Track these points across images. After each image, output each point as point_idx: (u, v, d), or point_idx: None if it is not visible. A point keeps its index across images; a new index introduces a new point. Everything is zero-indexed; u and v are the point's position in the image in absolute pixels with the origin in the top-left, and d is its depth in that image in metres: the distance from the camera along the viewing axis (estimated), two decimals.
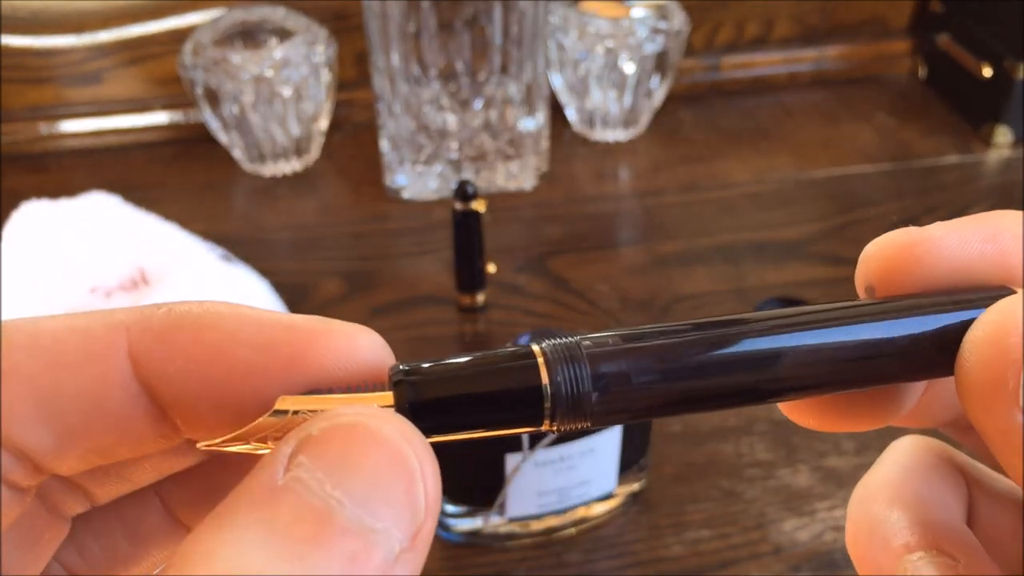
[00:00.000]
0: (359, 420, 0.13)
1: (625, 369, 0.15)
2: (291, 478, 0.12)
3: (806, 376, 0.16)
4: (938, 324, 0.16)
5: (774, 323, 0.16)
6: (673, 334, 0.15)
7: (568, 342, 0.15)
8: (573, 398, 0.15)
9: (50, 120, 0.75)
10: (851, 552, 0.18)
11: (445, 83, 0.65)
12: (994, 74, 0.73)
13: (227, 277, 0.54)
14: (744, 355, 0.15)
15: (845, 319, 0.16)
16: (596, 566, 0.46)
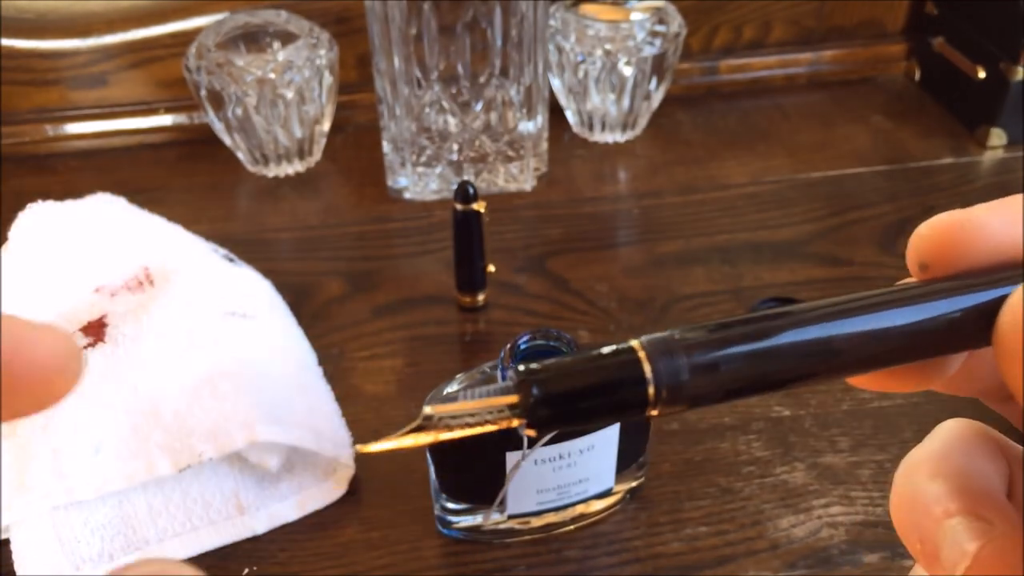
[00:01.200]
0: None
1: (714, 357, 0.17)
2: None
3: (867, 355, 0.18)
4: (978, 300, 0.18)
5: (838, 309, 0.18)
6: (752, 323, 0.17)
7: (664, 336, 0.17)
8: (672, 387, 0.17)
9: (56, 122, 0.75)
10: (895, 519, 0.19)
11: (446, 85, 0.66)
12: (989, 76, 0.74)
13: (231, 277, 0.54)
14: (814, 341, 0.17)
15: (898, 301, 0.18)
16: (595, 562, 0.46)
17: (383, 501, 0.49)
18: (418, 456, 0.50)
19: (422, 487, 0.48)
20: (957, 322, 0.18)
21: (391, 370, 0.56)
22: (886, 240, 0.66)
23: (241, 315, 0.52)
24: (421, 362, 0.56)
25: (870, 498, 0.49)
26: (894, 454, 0.51)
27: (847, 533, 0.47)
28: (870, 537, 0.47)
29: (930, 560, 0.18)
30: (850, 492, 0.49)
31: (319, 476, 0.49)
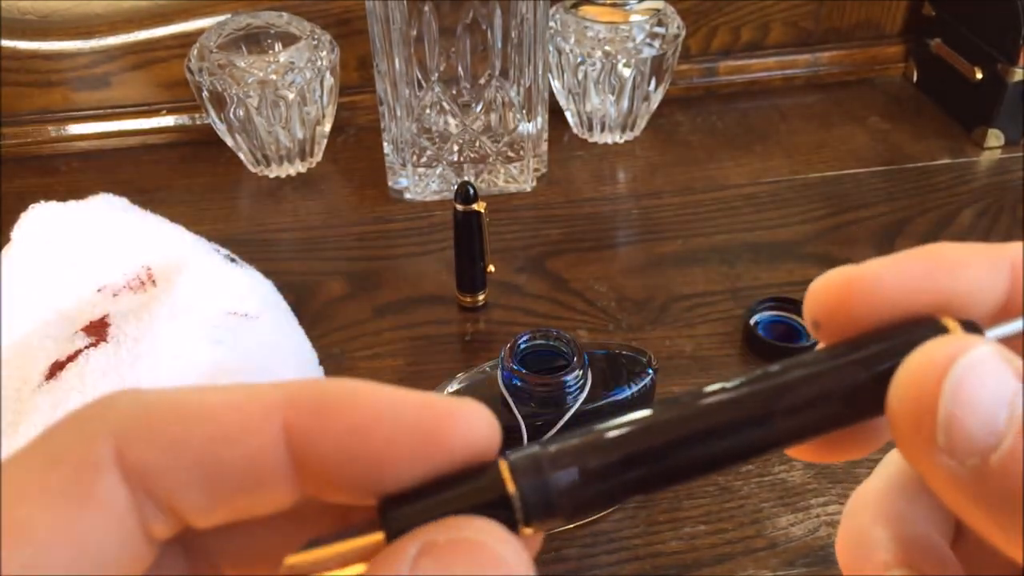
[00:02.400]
0: (482, 539, 0.15)
1: (582, 473, 0.16)
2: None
3: (757, 442, 0.17)
4: (872, 370, 0.16)
5: (717, 401, 0.17)
6: (622, 428, 0.16)
7: (532, 453, 0.16)
8: (540, 508, 0.16)
9: (58, 123, 0.76)
10: (840, 557, 0.19)
11: (446, 87, 0.66)
12: (986, 78, 0.74)
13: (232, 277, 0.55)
14: (695, 435, 0.16)
15: (782, 385, 0.17)
16: (594, 560, 0.47)
17: None
18: None
19: None
20: (853, 396, 0.17)
21: (392, 370, 0.56)
22: (884, 241, 0.66)
23: (243, 315, 0.52)
24: (422, 362, 0.57)
25: None
26: None
27: None
28: None
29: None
30: (848, 491, 0.49)
31: None
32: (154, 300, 0.50)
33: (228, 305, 0.52)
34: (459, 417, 0.16)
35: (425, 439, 0.16)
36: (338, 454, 0.15)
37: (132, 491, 0.15)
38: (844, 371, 0.17)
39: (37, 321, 0.50)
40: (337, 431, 0.15)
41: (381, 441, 0.15)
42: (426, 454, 0.16)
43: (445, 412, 0.16)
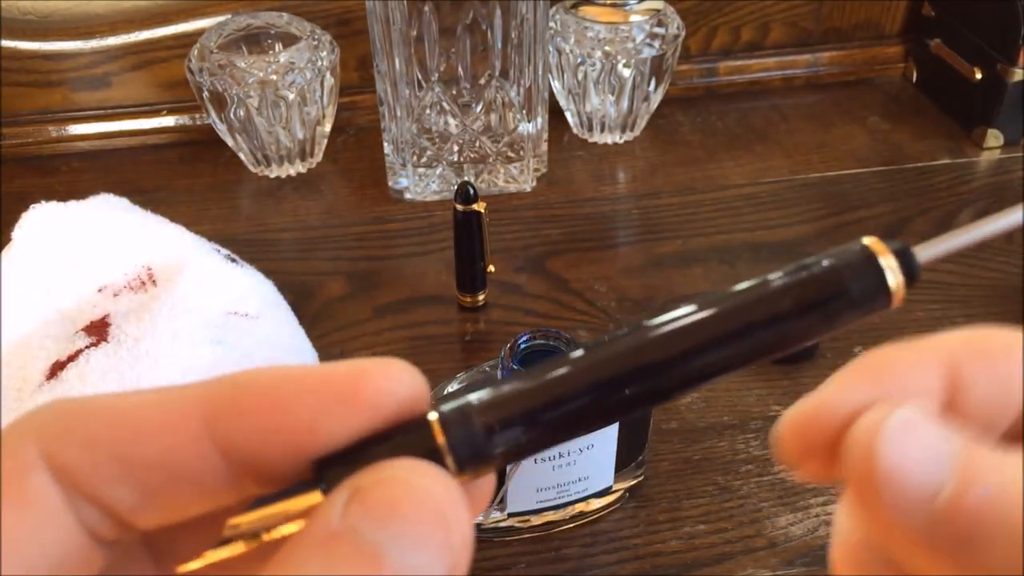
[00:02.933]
0: (404, 474, 0.15)
1: (511, 418, 0.17)
2: (347, 525, 0.14)
3: (679, 380, 0.17)
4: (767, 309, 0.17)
5: (633, 343, 0.17)
6: (546, 373, 0.17)
7: (462, 403, 0.17)
8: (472, 453, 0.16)
9: (59, 123, 0.76)
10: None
11: (446, 87, 0.66)
12: (985, 78, 0.74)
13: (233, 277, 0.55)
14: (614, 379, 0.17)
15: (690, 325, 0.17)
16: (594, 560, 0.47)
17: None
18: None
19: None
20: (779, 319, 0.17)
21: None
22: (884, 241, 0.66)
23: (243, 315, 0.52)
24: (422, 362, 0.56)
25: None
26: None
27: None
28: None
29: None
30: None
31: None
32: (155, 300, 0.50)
33: (228, 305, 0.52)
34: (376, 374, 0.16)
35: (345, 400, 0.16)
36: (263, 434, 0.16)
37: (65, 491, 0.15)
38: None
39: (38, 321, 0.50)
40: (257, 412, 0.16)
41: (303, 411, 0.16)
42: (349, 414, 0.16)
43: (361, 371, 0.16)
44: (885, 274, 0.17)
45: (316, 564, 0.14)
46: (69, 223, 0.55)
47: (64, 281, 0.52)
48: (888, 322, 0.59)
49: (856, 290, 0.17)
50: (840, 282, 0.17)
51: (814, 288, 0.17)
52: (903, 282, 0.17)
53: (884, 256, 0.17)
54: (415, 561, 0.14)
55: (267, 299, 0.55)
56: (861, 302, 0.17)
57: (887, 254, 0.17)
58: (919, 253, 0.17)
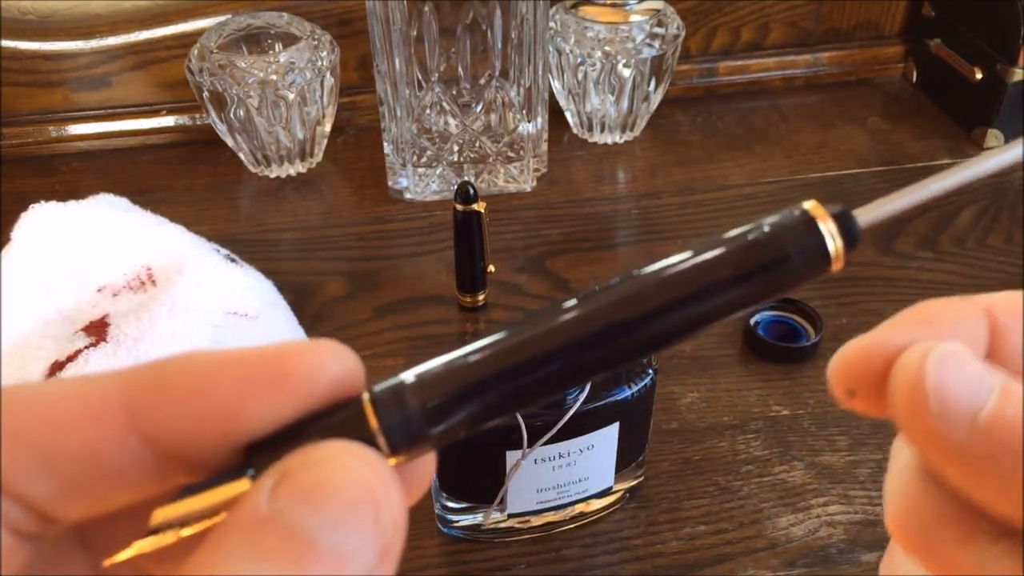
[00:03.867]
0: (333, 456, 0.15)
1: (446, 397, 0.16)
2: (275, 509, 0.14)
3: (602, 360, 0.17)
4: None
5: (564, 320, 0.17)
6: (476, 353, 0.17)
7: (394, 383, 0.17)
8: (406, 435, 0.16)
9: (59, 123, 0.76)
10: (898, 532, 0.18)
11: (446, 87, 0.66)
12: (985, 78, 0.74)
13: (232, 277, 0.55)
14: (543, 357, 0.17)
15: (617, 302, 0.17)
16: (594, 561, 0.47)
17: None
18: None
19: None
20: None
21: (392, 370, 0.55)
22: (884, 241, 0.66)
23: (243, 315, 0.52)
24: (422, 362, 0.56)
25: (868, 497, 0.49)
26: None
27: (845, 532, 0.47)
28: (868, 536, 0.47)
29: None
30: (849, 491, 0.49)
31: None
32: (154, 300, 0.50)
33: (228, 305, 0.52)
34: (305, 354, 0.16)
35: (271, 381, 0.16)
36: (187, 419, 0.15)
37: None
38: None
39: (37, 321, 0.50)
40: (179, 396, 0.15)
41: (226, 393, 0.15)
42: (276, 396, 0.16)
43: (289, 352, 0.16)
44: (825, 239, 0.17)
45: (243, 551, 0.14)
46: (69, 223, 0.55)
47: (63, 281, 0.52)
48: None
49: (797, 256, 0.17)
50: (782, 248, 0.17)
51: (756, 255, 0.17)
52: (842, 247, 0.17)
53: (824, 220, 0.17)
54: (345, 544, 0.14)
55: (267, 299, 0.55)
56: (801, 267, 0.17)
57: (827, 218, 0.17)
58: (860, 217, 0.17)
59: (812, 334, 0.57)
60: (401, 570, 0.48)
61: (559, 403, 0.42)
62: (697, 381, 0.56)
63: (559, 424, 0.41)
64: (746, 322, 0.58)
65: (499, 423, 0.17)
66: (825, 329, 0.57)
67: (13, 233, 0.53)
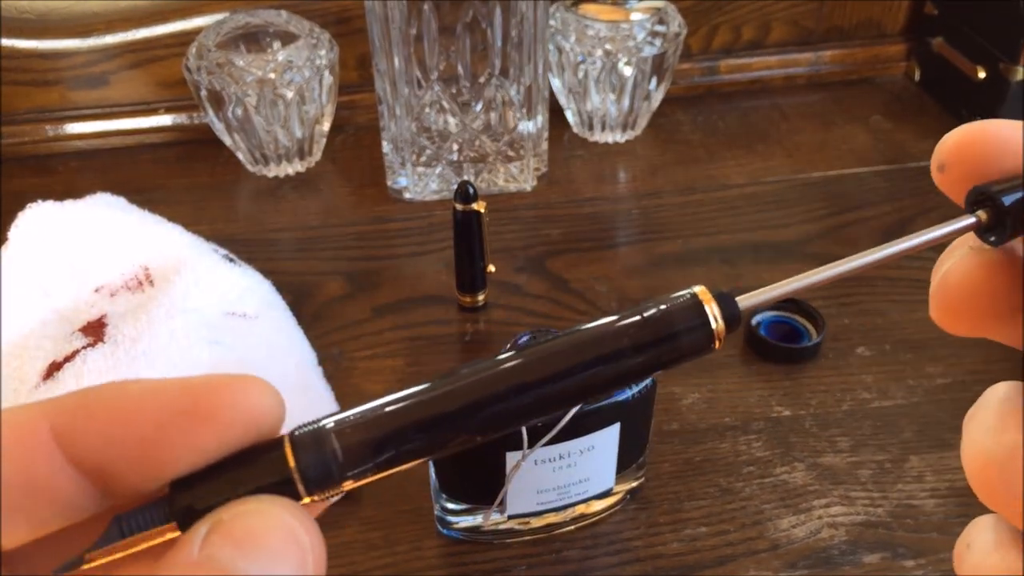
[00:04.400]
0: (261, 507, 0.16)
1: (357, 446, 0.18)
2: (205, 555, 0.15)
3: (513, 414, 0.18)
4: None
5: (480, 378, 0.18)
6: (394, 404, 0.18)
7: (315, 428, 0.18)
8: (320, 479, 0.17)
9: (56, 122, 0.75)
10: (983, 490, 0.18)
11: (446, 86, 0.66)
12: (988, 77, 0.74)
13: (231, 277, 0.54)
14: (460, 411, 0.18)
15: (536, 361, 0.19)
16: (595, 562, 0.46)
17: (383, 501, 0.49)
18: None
19: (422, 487, 0.48)
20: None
21: (391, 370, 0.56)
22: (885, 240, 0.66)
23: (241, 315, 0.52)
24: (421, 362, 0.56)
25: (870, 498, 0.49)
26: (894, 454, 0.51)
27: (847, 533, 0.47)
28: (870, 537, 0.47)
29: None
30: (850, 492, 0.49)
31: None
32: (152, 300, 0.50)
33: (226, 305, 0.52)
34: (227, 390, 0.17)
35: (192, 413, 0.16)
36: (110, 446, 0.16)
37: None
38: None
39: (34, 321, 0.50)
40: (102, 423, 0.16)
41: (148, 426, 0.16)
42: (196, 429, 0.16)
43: (213, 386, 0.17)
44: (709, 319, 0.19)
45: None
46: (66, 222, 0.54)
47: (61, 281, 0.52)
48: (891, 323, 0.59)
49: (684, 332, 0.19)
50: (671, 325, 0.19)
51: (650, 330, 0.19)
52: (723, 327, 0.19)
53: (709, 304, 0.19)
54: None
55: (265, 299, 0.55)
56: (688, 343, 0.19)
57: (711, 302, 0.19)
58: (741, 302, 0.19)
59: (814, 334, 0.57)
60: (401, 571, 0.48)
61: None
62: (698, 382, 0.55)
63: (559, 425, 0.41)
64: (747, 322, 0.58)
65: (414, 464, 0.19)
66: (827, 329, 0.57)
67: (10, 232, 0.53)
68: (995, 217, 0.18)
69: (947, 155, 0.19)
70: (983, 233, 0.19)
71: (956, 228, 0.19)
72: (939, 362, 0.56)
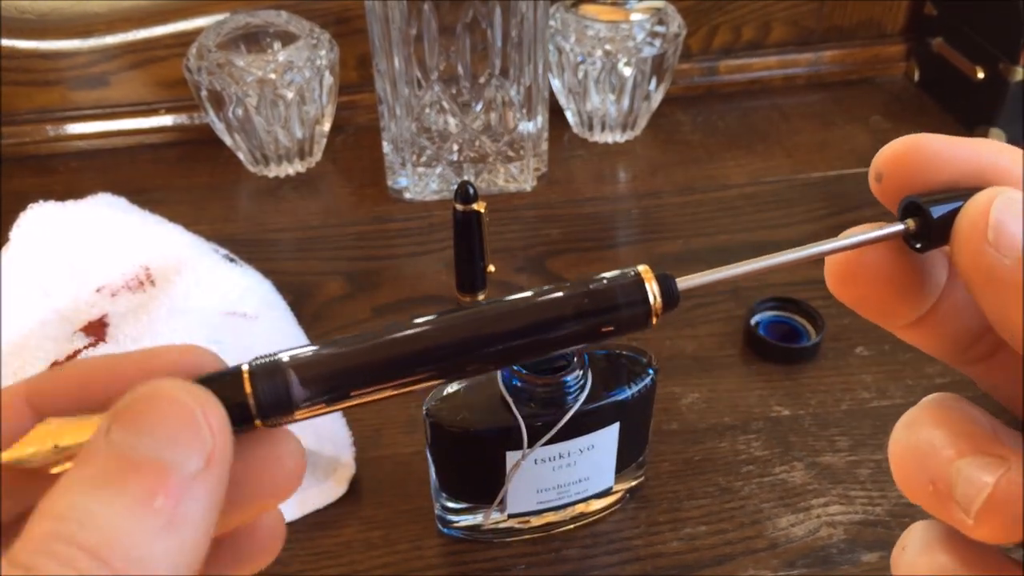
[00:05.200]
0: (151, 387, 0.17)
1: (303, 380, 0.19)
2: (106, 442, 0.16)
3: (449, 367, 0.19)
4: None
5: (421, 331, 0.19)
6: (352, 342, 0.19)
7: (271, 359, 0.19)
8: (273, 403, 0.19)
9: (57, 122, 0.75)
10: (898, 470, 0.20)
11: (446, 86, 0.66)
12: (987, 77, 0.74)
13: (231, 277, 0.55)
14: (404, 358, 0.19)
15: (486, 317, 0.20)
16: (594, 561, 0.47)
17: (383, 500, 0.49)
18: (419, 456, 0.50)
19: (422, 487, 0.49)
20: None
21: None
22: None
23: (241, 315, 0.52)
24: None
25: (869, 497, 0.49)
26: None
27: (846, 532, 0.47)
28: (869, 536, 0.47)
29: (943, 501, 0.18)
30: (849, 491, 0.49)
31: (319, 476, 0.49)
32: (153, 300, 0.50)
33: (227, 305, 0.52)
34: (167, 353, 0.19)
35: (138, 374, 0.18)
36: (71, 403, 0.18)
37: None
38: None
39: (35, 321, 0.50)
40: (64, 386, 0.19)
41: (97, 385, 0.19)
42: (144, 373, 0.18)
43: (155, 352, 0.19)
44: (648, 296, 0.20)
45: (83, 482, 0.16)
46: (67, 223, 0.55)
47: (62, 281, 0.52)
48: None
49: (624, 305, 0.20)
50: (613, 297, 0.20)
51: (593, 300, 0.20)
52: (661, 304, 0.20)
53: (650, 282, 0.20)
54: (168, 456, 0.16)
55: (266, 299, 0.55)
56: (627, 316, 0.20)
57: (652, 280, 0.20)
58: (680, 282, 0.21)
59: (813, 334, 0.57)
60: (401, 570, 0.48)
61: (560, 403, 0.42)
62: (698, 381, 0.55)
63: (559, 424, 0.41)
64: (747, 322, 0.58)
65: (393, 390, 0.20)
66: (826, 329, 0.57)
67: (11, 233, 0.53)
68: (923, 227, 0.20)
69: (884, 166, 0.20)
70: (910, 240, 0.20)
71: (886, 233, 0.20)
72: (938, 362, 0.56)
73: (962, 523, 0.18)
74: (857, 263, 0.21)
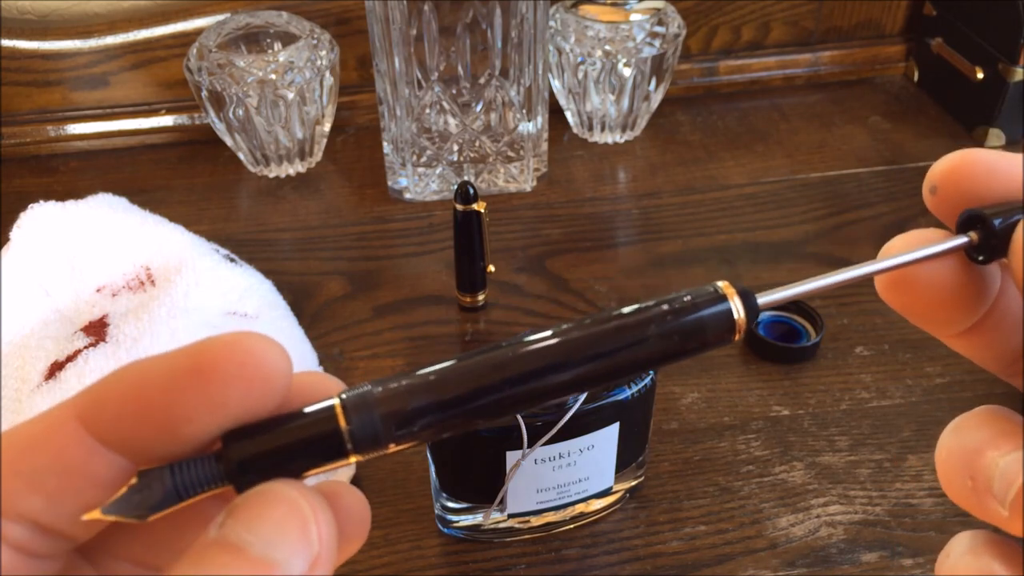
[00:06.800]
0: (268, 487, 0.17)
1: (405, 411, 0.19)
2: (219, 534, 0.17)
3: (555, 387, 0.19)
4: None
5: (524, 351, 0.19)
6: (443, 372, 0.19)
7: (361, 391, 0.19)
8: (367, 439, 0.19)
9: (57, 123, 0.75)
10: (942, 469, 0.20)
11: (446, 86, 0.66)
12: (987, 77, 0.74)
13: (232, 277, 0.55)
14: (500, 383, 0.19)
15: (580, 339, 0.19)
16: (594, 561, 0.47)
17: (383, 500, 0.49)
18: (419, 456, 0.50)
19: (423, 486, 0.49)
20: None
21: (392, 370, 0.56)
22: (884, 240, 0.65)
23: (242, 315, 0.52)
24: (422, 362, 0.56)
25: (868, 497, 0.49)
26: (892, 453, 0.51)
27: (845, 532, 0.47)
28: (868, 536, 0.47)
29: (980, 496, 0.19)
30: (848, 491, 0.49)
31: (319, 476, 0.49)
32: (153, 300, 0.50)
33: (227, 305, 0.52)
34: (222, 346, 0.18)
35: (194, 375, 0.17)
36: (127, 420, 0.17)
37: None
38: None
39: (36, 321, 0.50)
40: (116, 401, 0.17)
41: (154, 391, 0.17)
42: (201, 387, 0.17)
43: (208, 345, 0.18)
44: (732, 311, 0.20)
45: (194, 569, 0.16)
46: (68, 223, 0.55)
47: (63, 281, 0.52)
48: (889, 322, 0.59)
49: (710, 321, 0.20)
50: (698, 313, 0.20)
51: (677, 317, 0.20)
52: (744, 318, 0.20)
53: (732, 297, 0.20)
54: (276, 554, 0.16)
55: (266, 299, 0.55)
56: (713, 334, 0.20)
57: (735, 295, 0.20)
58: (760, 297, 0.21)
59: (812, 334, 0.57)
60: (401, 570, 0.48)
61: (559, 403, 0.42)
62: (697, 381, 0.55)
63: (559, 424, 0.41)
64: None
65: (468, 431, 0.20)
66: (825, 329, 0.57)
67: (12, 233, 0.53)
68: (985, 239, 0.20)
69: (939, 178, 0.20)
70: (972, 252, 0.20)
71: (951, 246, 0.20)
72: (937, 362, 0.56)
73: (998, 515, 0.18)
74: (912, 271, 0.21)
